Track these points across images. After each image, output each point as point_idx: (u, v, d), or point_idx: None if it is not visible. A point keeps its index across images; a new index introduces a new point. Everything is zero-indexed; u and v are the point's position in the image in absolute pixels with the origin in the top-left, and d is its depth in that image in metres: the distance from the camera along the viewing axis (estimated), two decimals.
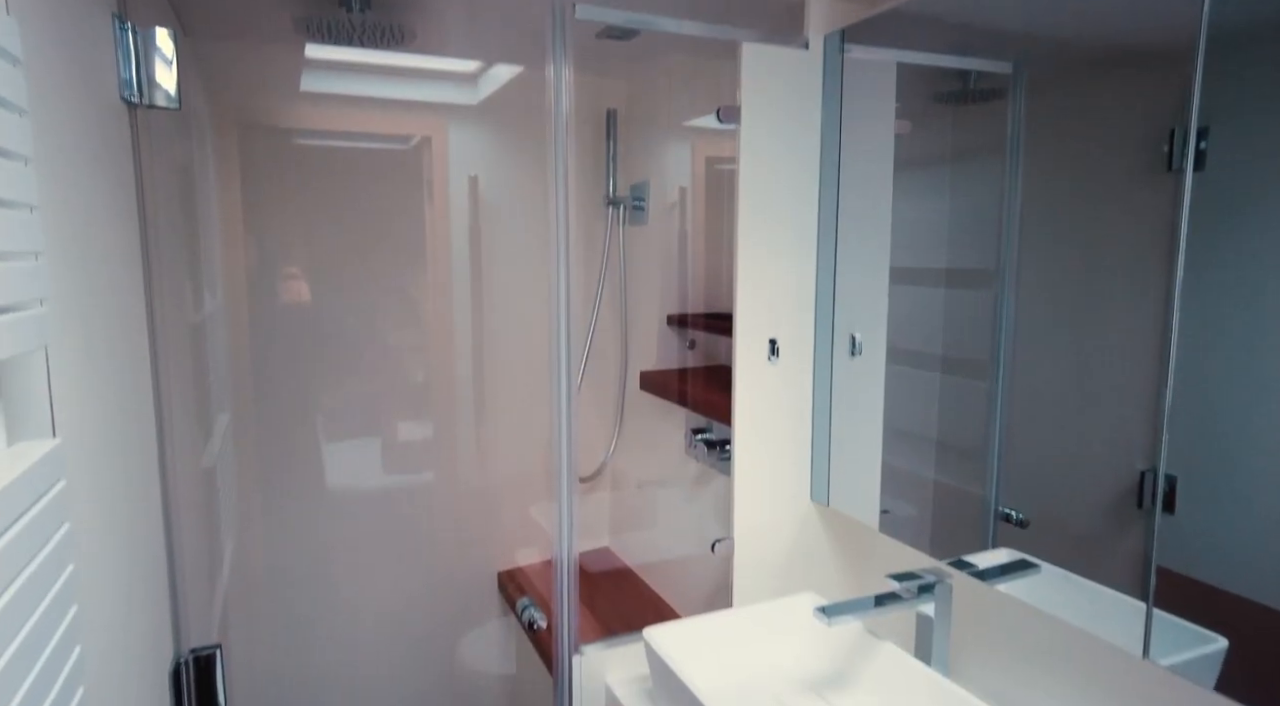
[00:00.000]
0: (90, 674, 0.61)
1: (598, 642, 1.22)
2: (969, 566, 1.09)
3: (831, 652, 1.16)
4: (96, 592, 0.65)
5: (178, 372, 1.14)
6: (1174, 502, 0.84)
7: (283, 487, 1.65)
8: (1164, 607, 0.85)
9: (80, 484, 0.62)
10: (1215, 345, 0.78)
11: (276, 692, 1.67)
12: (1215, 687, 0.80)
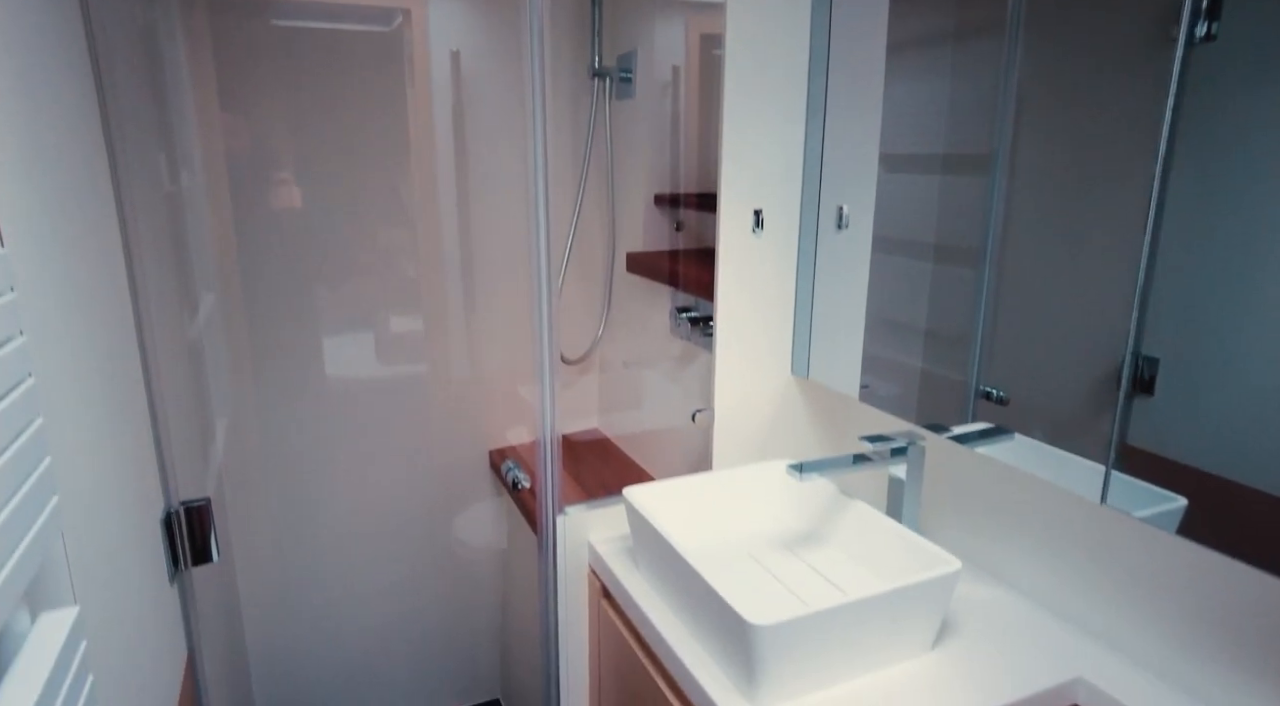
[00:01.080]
0: (75, 522, 0.63)
1: (580, 504, 1.26)
2: (944, 429, 1.11)
3: (805, 512, 1.20)
4: (74, 444, 0.66)
5: (150, 236, 1.13)
6: (1154, 385, 0.85)
7: (275, 373, 1.67)
8: (1133, 475, 0.87)
9: (45, 336, 0.62)
10: (1206, 230, 0.77)
11: (276, 571, 1.74)
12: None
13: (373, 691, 1.91)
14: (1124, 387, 0.86)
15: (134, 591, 0.79)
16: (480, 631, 1.99)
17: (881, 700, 0.88)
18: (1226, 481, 0.77)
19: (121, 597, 0.74)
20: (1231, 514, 0.78)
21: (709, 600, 0.91)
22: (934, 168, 1.08)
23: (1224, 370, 0.76)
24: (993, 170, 0.99)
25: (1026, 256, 0.96)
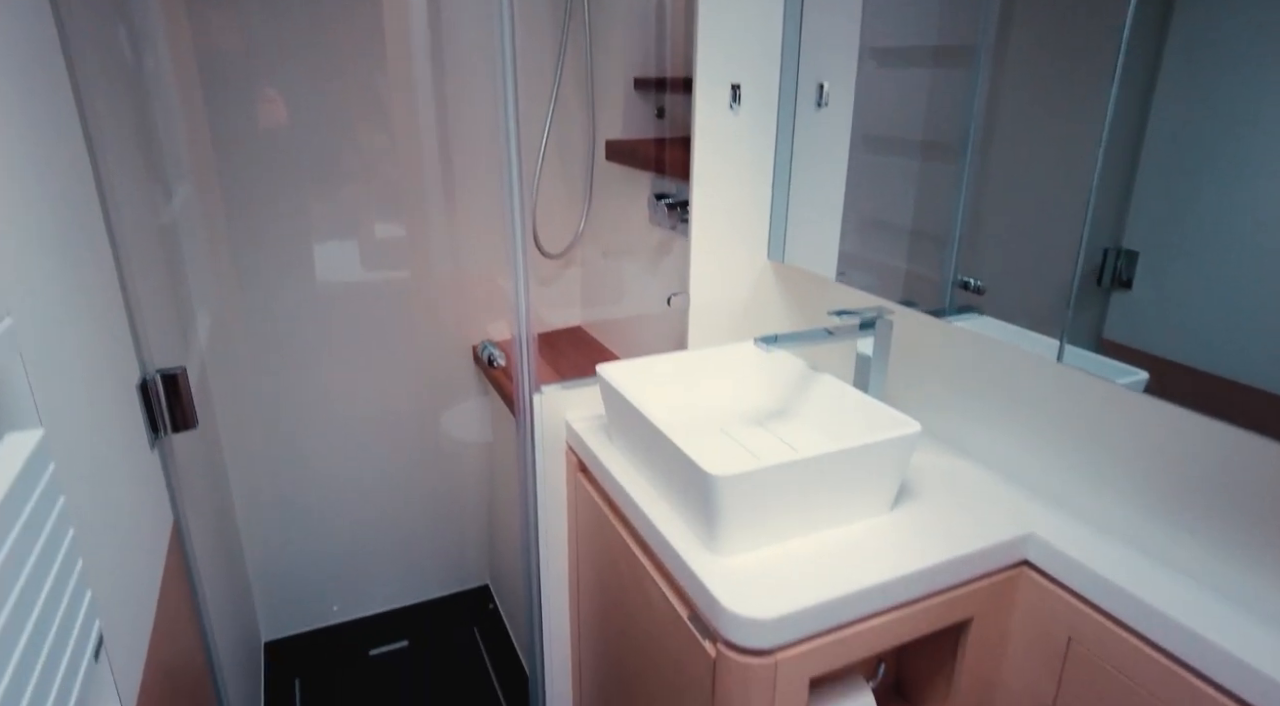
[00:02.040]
0: (46, 380, 0.63)
1: (556, 384, 1.28)
2: (914, 305, 1.12)
3: (776, 389, 1.22)
4: (37, 303, 0.66)
5: (111, 114, 1.11)
6: (1131, 280, 0.85)
7: (257, 271, 1.66)
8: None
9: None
10: (1191, 126, 0.75)
11: (266, 462, 1.78)
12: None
13: (365, 577, 1.99)
14: (1080, 254, 0.87)
15: (111, 449, 0.81)
16: (468, 520, 2.06)
17: (839, 552, 0.92)
18: (1198, 372, 0.78)
19: (98, 453, 0.76)
20: (1197, 394, 0.79)
21: (674, 459, 0.94)
22: (916, 60, 1.05)
23: (1204, 265, 0.76)
24: (976, 63, 0.97)
25: (1008, 150, 0.94)
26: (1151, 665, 0.83)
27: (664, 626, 1.00)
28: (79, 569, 0.61)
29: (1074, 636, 0.91)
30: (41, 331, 0.66)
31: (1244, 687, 0.74)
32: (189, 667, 1.04)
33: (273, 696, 1.76)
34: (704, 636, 0.89)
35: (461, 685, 1.79)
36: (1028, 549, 0.97)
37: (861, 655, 0.90)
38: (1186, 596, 0.83)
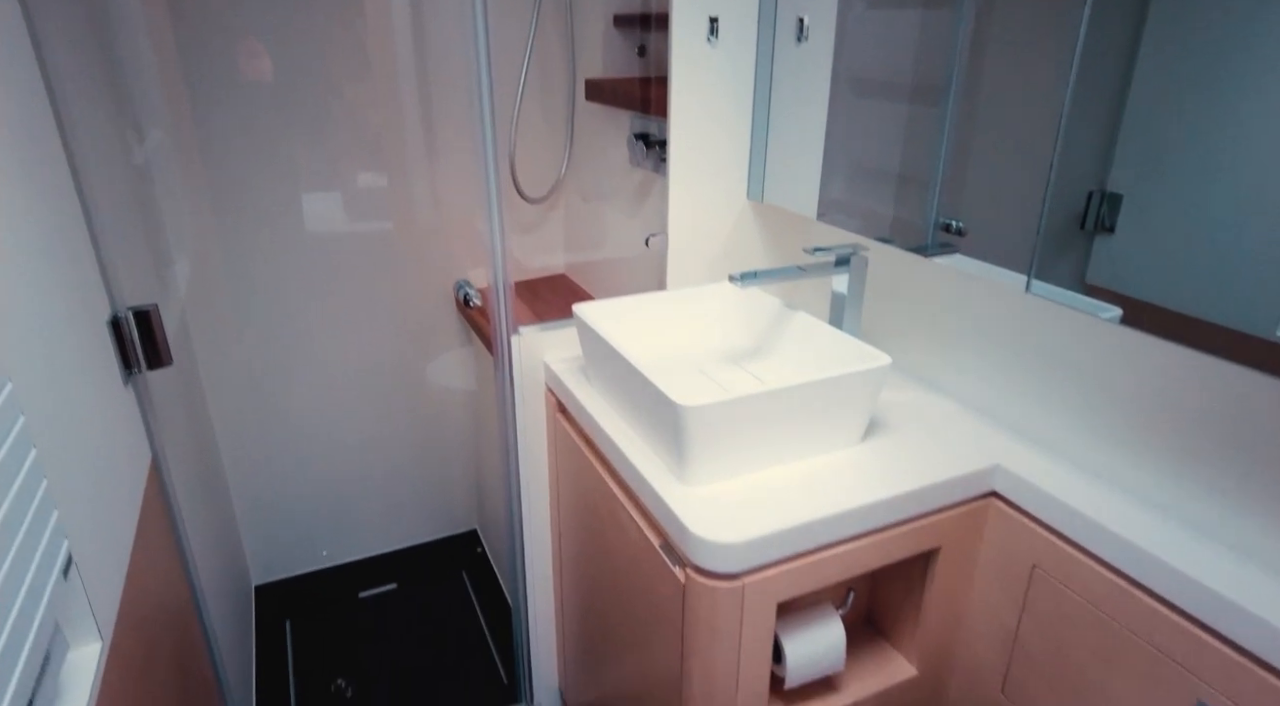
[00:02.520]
0: (6, 306, 0.63)
1: (534, 325, 1.28)
2: (891, 241, 1.11)
3: (752, 328, 1.23)
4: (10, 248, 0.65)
5: (69, 48, 1.08)
6: (1114, 224, 0.84)
7: (237, 220, 1.64)
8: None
9: None
10: (1178, 69, 0.74)
11: (252, 411, 1.78)
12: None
13: (353, 522, 2.01)
14: (1050, 181, 0.86)
15: (79, 380, 0.81)
16: (455, 467, 2.08)
17: (808, 482, 0.93)
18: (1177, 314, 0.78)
19: (63, 382, 0.76)
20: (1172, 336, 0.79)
21: (646, 393, 0.94)
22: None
23: (1187, 209, 0.76)
24: (959, 2, 0.94)
25: (992, 92, 0.92)
26: (1110, 588, 0.85)
27: (637, 556, 1.01)
28: (44, 488, 0.61)
29: (1038, 563, 0.93)
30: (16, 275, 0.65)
31: (1197, 606, 0.76)
32: (174, 603, 1.05)
33: (264, 638, 1.80)
34: (674, 563, 0.91)
35: (449, 625, 1.83)
36: (995, 480, 0.98)
37: (829, 581, 0.91)
38: (1146, 522, 0.85)
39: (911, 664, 1.08)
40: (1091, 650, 0.88)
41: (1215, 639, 0.75)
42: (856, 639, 1.13)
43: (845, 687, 1.04)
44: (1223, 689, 0.75)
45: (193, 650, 1.13)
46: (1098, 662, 0.88)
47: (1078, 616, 0.89)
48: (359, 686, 1.66)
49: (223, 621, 1.41)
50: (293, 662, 1.73)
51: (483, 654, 1.74)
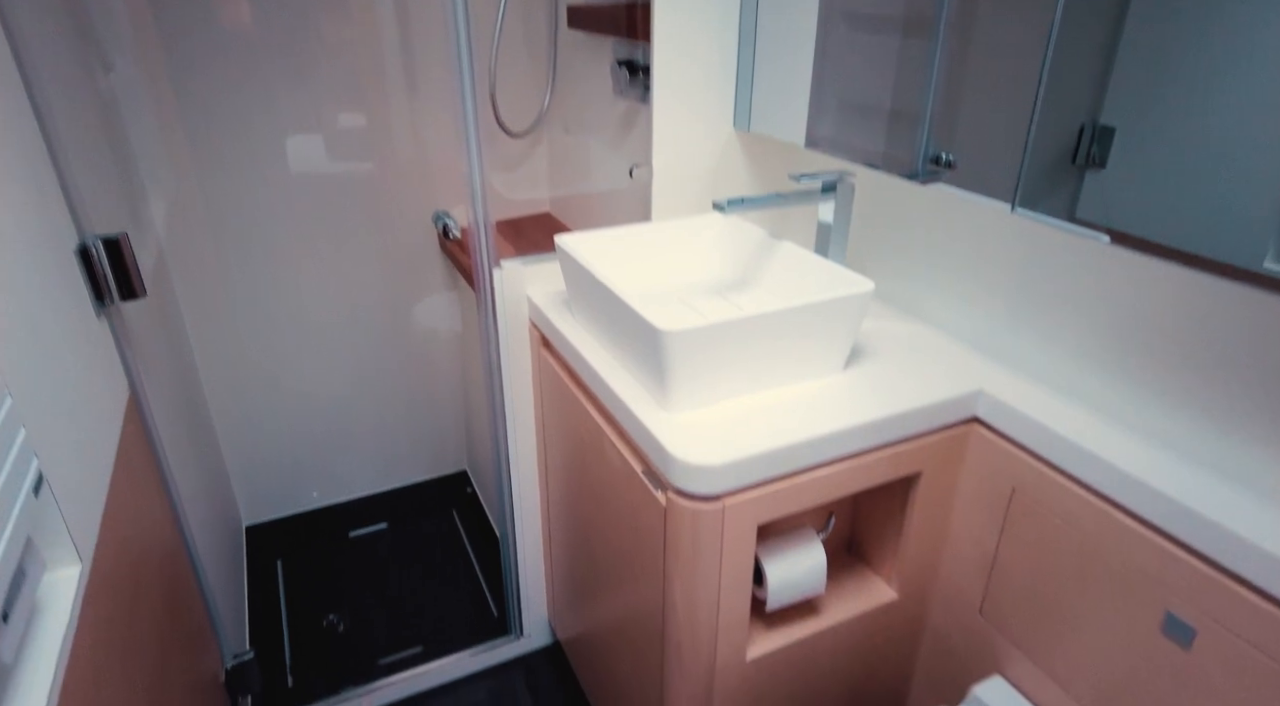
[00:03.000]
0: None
1: (516, 259, 1.27)
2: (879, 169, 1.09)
3: (737, 260, 1.21)
4: None
5: None
6: (1106, 158, 0.82)
7: (214, 161, 1.59)
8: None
9: None
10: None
11: (236, 355, 1.77)
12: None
13: (343, 464, 2.02)
14: (1037, 101, 0.84)
15: (48, 307, 0.79)
16: (443, 409, 2.08)
17: (789, 407, 0.93)
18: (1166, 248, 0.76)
19: (29, 307, 0.74)
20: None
21: (628, 320, 0.93)
22: None
23: (1180, 143, 0.74)
24: None
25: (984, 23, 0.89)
26: (1087, 508, 0.86)
27: (621, 484, 1.02)
28: (8, 406, 0.60)
29: (1017, 486, 0.94)
30: None
31: (1170, 522, 0.77)
32: (160, 537, 1.06)
33: (255, 576, 1.82)
34: (656, 487, 0.91)
35: (440, 561, 1.85)
36: (977, 405, 0.98)
37: (809, 505, 0.92)
38: (1124, 443, 0.85)
39: (892, 588, 1.10)
40: (1067, 569, 0.90)
41: (1185, 552, 0.76)
42: (838, 565, 1.15)
43: (826, 610, 1.06)
44: (1190, 599, 0.76)
45: (182, 584, 1.14)
46: (1072, 580, 0.89)
47: (1055, 537, 0.90)
48: (351, 621, 1.68)
49: (212, 557, 1.42)
50: (285, 599, 1.75)
51: (473, 589, 1.77)
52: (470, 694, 1.53)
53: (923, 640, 1.16)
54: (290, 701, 1.45)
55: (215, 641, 1.30)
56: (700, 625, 0.94)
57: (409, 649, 1.60)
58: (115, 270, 1.00)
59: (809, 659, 1.05)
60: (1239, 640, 0.73)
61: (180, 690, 1.00)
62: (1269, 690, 0.71)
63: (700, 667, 0.96)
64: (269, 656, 1.59)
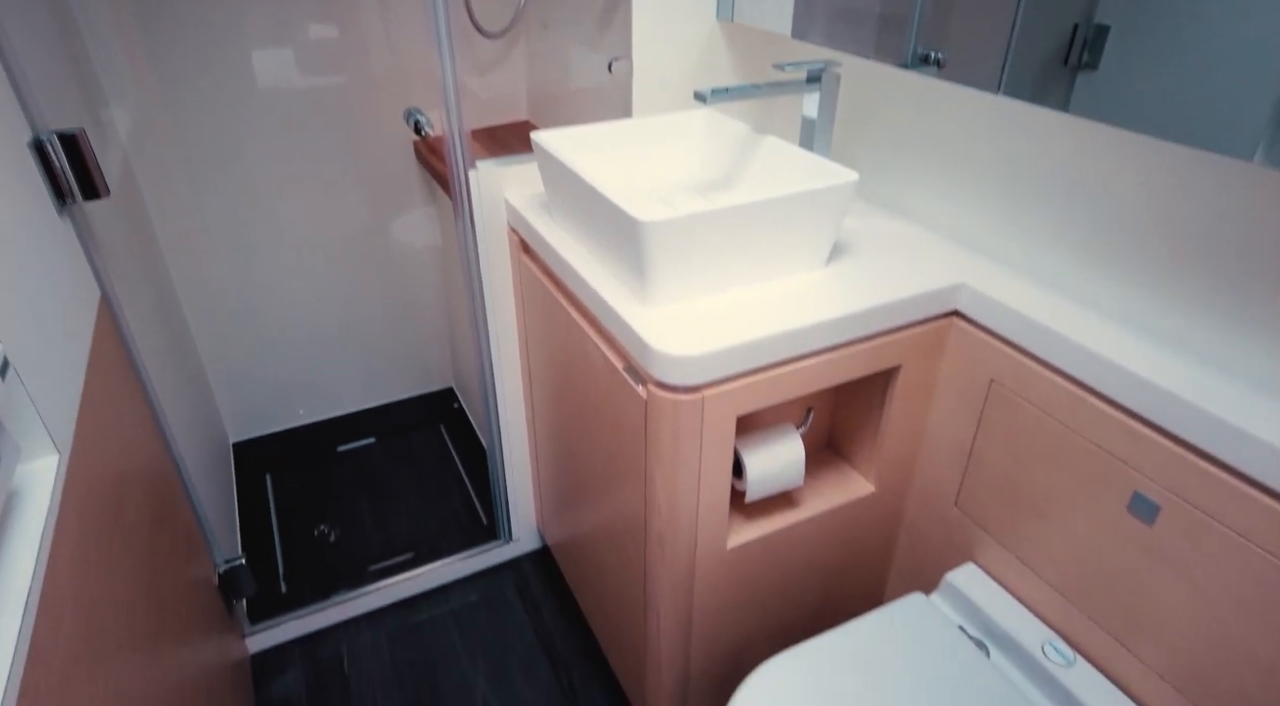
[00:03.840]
0: None
1: (492, 160, 1.23)
2: (868, 56, 1.06)
3: (720, 158, 1.18)
4: None
5: None
6: (1098, 61, 0.79)
7: (177, 74, 1.52)
8: None
9: None
10: None
11: (213, 275, 1.73)
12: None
13: (328, 381, 2.01)
14: None
15: (7, 203, 0.76)
16: (427, 326, 2.06)
17: (770, 301, 0.93)
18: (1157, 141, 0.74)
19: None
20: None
21: (606, 214, 0.92)
22: None
23: (1172, 37, 0.71)
24: None
25: None
26: (1062, 394, 0.87)
27: (602, 382, 1.02)
28: None
29: (995, 378, 0.95)
30: None
31: (1142, 403, 0.78)
32: (141, 439, 1.05)
33: (245, 490, 1.84)
34: (636, 382, 0.91)
35: (428, 474, 1.87)
36: (959, 298, 0.98)
37: (789, 396, 0.93)
38: (1101, 329, 0.86)
39: (869, 481, 1.12)
40: (1040, 456, 0.92)
41: (1154, 432, 0.78)
42: (817, 461, 1.17)
43: (804, 503, 1.09)
44: (1156, 477, 0.78)
45: (168, 488, 1.14)
46: (1045, 468, 0.91)
47: (1030, 425, 0.92)
48: (341, 531, 1.71)
49: (198, 466, 1.43)
50: (275, 511, 1.78)
51: (462, 499, 1.80)
52: (461, 596, 1.57)
53: (900, 531, 1.19)
54: (283, 606, 1.49)
55: (205, 546, 1.32)
56: (681, 516, 0.95)
57: (400, 555, 1.63)
58: (75, 168, 0.96)
59: (788, 549, 1.08)
60: (1199, 513, 0.75)
61: (173, 590, 1.02)
62: (1224, 554, 0.74)
63: (681, 556, 0.99)
64: (261, 565, 1.62)
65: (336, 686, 1.39)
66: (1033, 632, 0.95)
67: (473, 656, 1.44)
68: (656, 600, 1.04)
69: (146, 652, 0.84)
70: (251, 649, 1.47)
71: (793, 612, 1.17)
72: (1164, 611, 0.82)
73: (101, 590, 0.74)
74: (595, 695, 1.37)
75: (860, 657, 0.92)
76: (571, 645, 1.46)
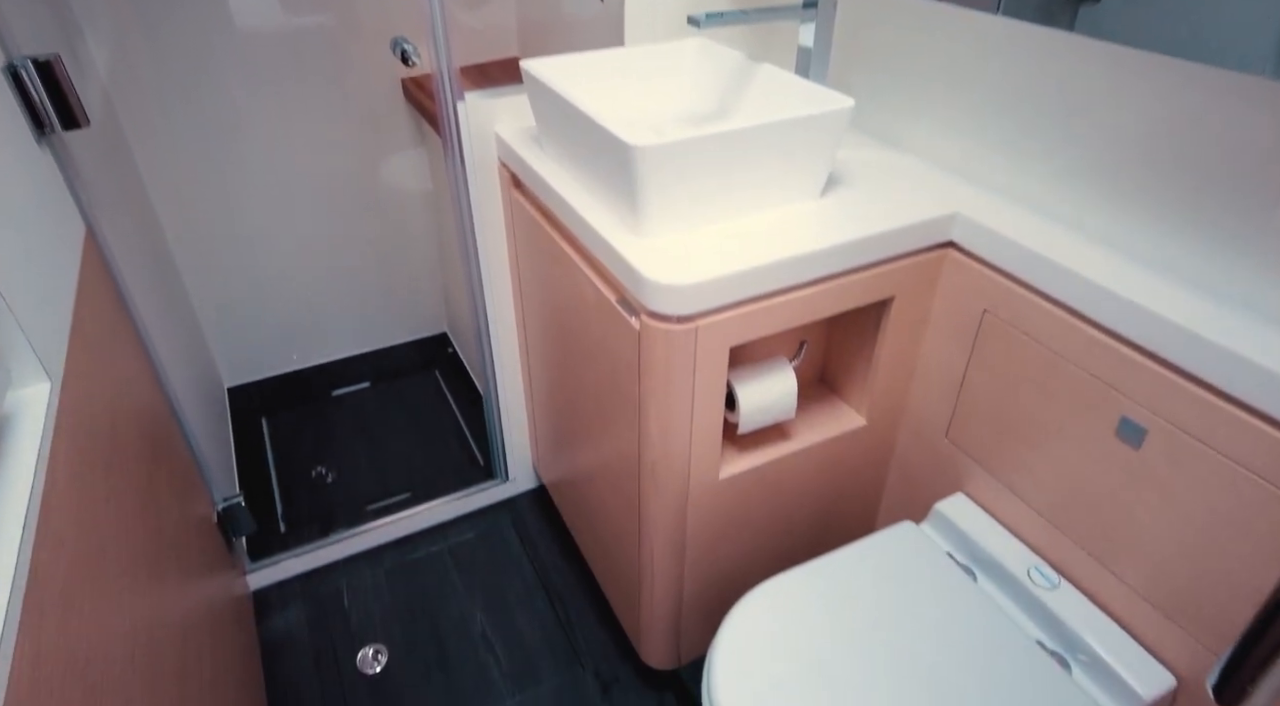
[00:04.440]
0: None
1: (481, 91, 1.21)
2: None
3: (714, 87, 1.16)
4: None
5: None
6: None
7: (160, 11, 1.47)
8: None
9: None
10: None
11: (203, 220, 1.70)
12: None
13: (321, 327, 2.01)
14: None
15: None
16: (419, 270, 2.05)
17: (763, 231, 0.92)
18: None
19: None
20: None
21: (598, 141, 0.90)
22: None
23: None
24: None
25: None
26: (1054, 322, 0.87)
27: (595, 316, 1.02)
28: None
29: (989, 308, 0.95)
30: None
31: (1132, 328, 0.78)
32: (133, 373, 1.05)
33: (241, 434, 1.85)
34: (630, 314, 0.91)
35: (424, 416, 1.88)
36: (953, 229, 0.97)
37: (782, 327, 0.93)
38: (1094, 256, 0.85)
39: (861, 415, 1.13)
40: (1030, 386, 0.92)
41: (1143, 356, 0.78)
42: (810, 396, 1.18)
43: (796, 435, 1.10)
44: (1144, 401, 0.79)
45: (162, 424, 1.15)
46: (1035, 397, 0.92)
47: (1021, 356, 0.92)
48: (339, 473, 1.73)
49: (192, 404, 1.43)
50: (272, 454, 1.79)
51: (458, 441, 1.81)
52: (458, 534, 1.59)
53: (891, 463, 1.21)
54: (283, 545, 1.51)
55: (203, 483, 1.33)
56: (674, 447, 0.96)
57: (397, 495, 1.65)
58: (52, 97, 0.94)
59: (779, 480, 1.10)
60: (1185, 436, 0.76)
61: (172, 526, 1.03)
62: (1209, 476, 0.75)
63: (674, 487, 1.00)
64: (260, 506, 1.64)
65: (337, 620, 1.42)
66: (1018, 558, 0.97)
67: (470, 591, 1.47)
68: (650, 532, 1.06)
69: (148, 581, 0.85)
70: (252, 586, 1.49)
71: (785, 545, 1.20)
72: (1147, 534, 0.84)
73: (100, 515, 0.75)
74: (591, 627, 1.40)
75: (849, 582, 0.94)
76: (568, 580, 1.49)
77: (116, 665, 0.68)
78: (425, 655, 1.36)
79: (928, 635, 0.88)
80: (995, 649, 0.87)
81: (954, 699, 0.82)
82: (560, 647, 1.37)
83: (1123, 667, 0.85)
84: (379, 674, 1.33)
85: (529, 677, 1.32)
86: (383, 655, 1.36)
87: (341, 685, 1.32)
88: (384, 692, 1.30)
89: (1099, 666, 0.87)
